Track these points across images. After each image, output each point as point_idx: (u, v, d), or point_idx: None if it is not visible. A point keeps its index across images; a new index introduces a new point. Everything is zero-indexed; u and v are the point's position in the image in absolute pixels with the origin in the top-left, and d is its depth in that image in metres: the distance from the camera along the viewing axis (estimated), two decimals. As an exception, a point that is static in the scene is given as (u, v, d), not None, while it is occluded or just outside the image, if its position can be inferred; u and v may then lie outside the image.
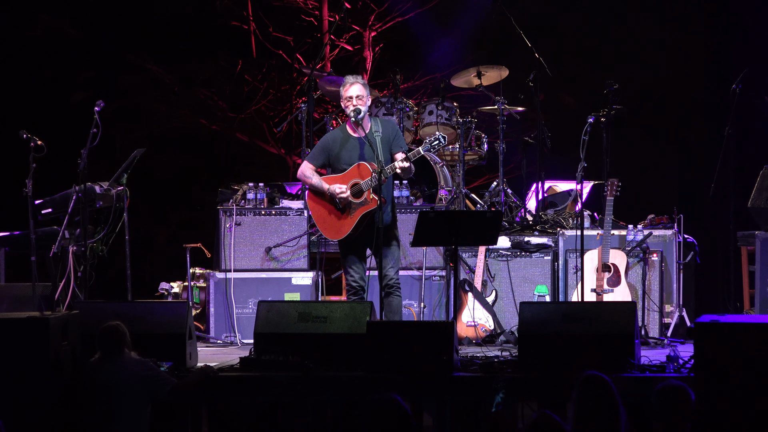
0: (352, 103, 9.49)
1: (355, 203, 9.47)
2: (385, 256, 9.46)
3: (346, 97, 9.52)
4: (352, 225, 9.46)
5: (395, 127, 9.68)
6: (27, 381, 7.96)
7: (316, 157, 9.68)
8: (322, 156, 9.65)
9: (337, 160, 9.57)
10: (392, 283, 9.48)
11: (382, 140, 9.47)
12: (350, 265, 9.55)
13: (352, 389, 8.26)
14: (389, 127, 9.59)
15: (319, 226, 9.66)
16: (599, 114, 10.28)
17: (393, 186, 9.72)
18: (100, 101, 9.98)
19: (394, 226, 9.56)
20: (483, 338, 10.52)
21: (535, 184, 11.94)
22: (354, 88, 9.50)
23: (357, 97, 9.48)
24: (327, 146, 9.63)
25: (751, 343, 7.65)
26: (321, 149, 9.66)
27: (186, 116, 16.59)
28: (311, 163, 9.67)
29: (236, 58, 16.66)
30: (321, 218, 9.61)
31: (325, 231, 9.63)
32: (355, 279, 9.54)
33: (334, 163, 9.61)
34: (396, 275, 9.51)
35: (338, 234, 9.54)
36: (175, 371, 8.29)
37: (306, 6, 16.74)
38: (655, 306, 10.54)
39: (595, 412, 6.27)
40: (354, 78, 9.56)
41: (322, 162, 9.66)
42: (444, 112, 11.82)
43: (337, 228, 9.53)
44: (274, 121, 16.33)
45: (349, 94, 9.50)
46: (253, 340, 8.73)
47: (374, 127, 9.54)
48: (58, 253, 10.22)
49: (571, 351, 8.29)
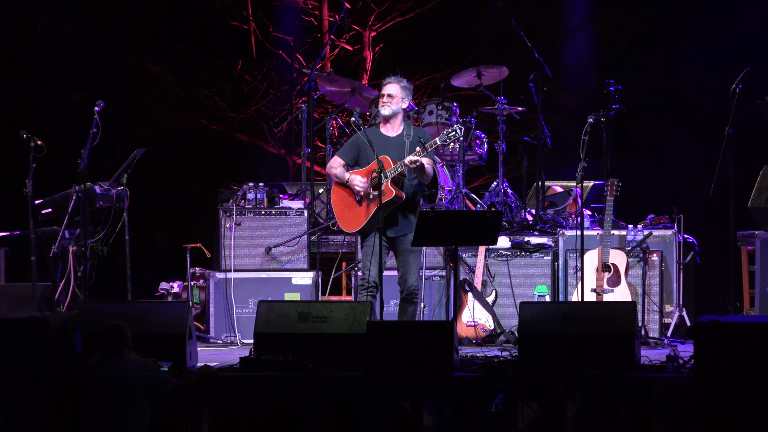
0: (382, 101, 9.62)
1: (374, 195, 9.49)
2: (407, 262, 9.55)
3: (380, 94, 9.67)
4: (367, 217, 9.49)
5: (426, 134, 9.73)
6: (27, 381, 7.96)
7: (346, 152, 9.77)
8: (352, 152, 9.72)
9: (367, 158, 9.62)
10: (412, 290, 9.57)
11: (411, 143, 9.56)
12: (368, 260, 9.53)
13: (352, 389, 8.26)
14: (420, 132, 9.70)
15: (338, 217, 9.72)
16: (599, 114, 10.28)
17: (419, 193, 9.75)
18: (100, 101, 9.99)
19: (411, 230, 9.53)
20: (483, 338, 10.52)
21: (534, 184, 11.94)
22: (387, 87, 9.68)
23: (388, 96, 9.61)
24: (358, 143, 9.70)
25: (751, 343, 7.65)
26: (352, 145, 9.76)
27: (186, 116, 16.60)
28: (341, 158, 9.75)
29: (236, 58, 16.67)
30: (340, 210, 9.68)
31: (343, 223, 9.68)
32: (373, 275, 9.48)
33: (362, 161, 9.67)
34: (416, 282, 9.58)
35: (354, 226, 9.58)
36: (175, 371, 8.28)
37: (306, 6, 16.75)
38: (655, 306, 10.54)
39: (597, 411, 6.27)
40: (392, 78, 9.73)
41: (352, 157, 9.73)
42: (444, 112, 11.82)
43: (355, 220, 9.58)
44: (274, 121, 16.34)
45: (383, 92, 9.66)
46: (253, 340, 8.73)
47: (405, 131, 9.65)
48: (58, 253, 10.22)
49: (571, 351, 8.28)
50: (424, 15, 16.53)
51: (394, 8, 16.56)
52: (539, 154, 11.66)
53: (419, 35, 16.55)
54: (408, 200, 9.56)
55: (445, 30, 16.52)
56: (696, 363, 7.83)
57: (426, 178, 9.60)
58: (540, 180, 11.63)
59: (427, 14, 16.52)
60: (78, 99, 15.36)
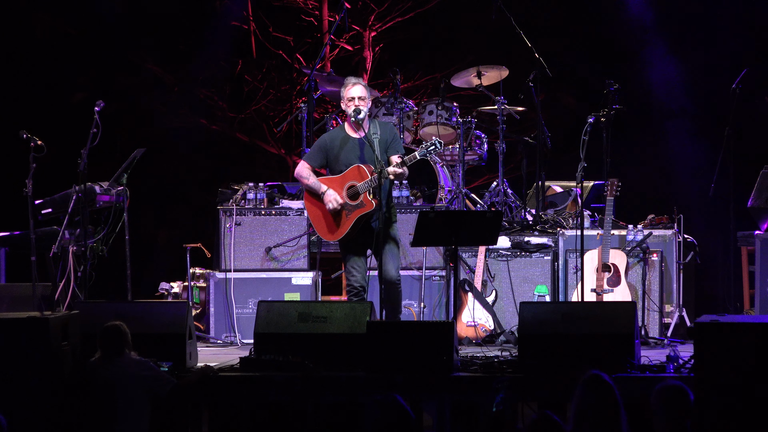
0: (354, 104, 9.50)
1: (352, 205, 9.47)
2: (385, 255, 9.46)
3: (348, 97, 9.52)
4: (348, 227, 9.45)
5: (393, 129, 9.68)
6: (27, 381, 7.95)
7: (314, 157, 9.67)
8: (320, 156, 9.65)
9: (336, 160, 9.56)
10: (393, 279, 9.47)
11: (379, 142, 9.47)
12: (351, 266, 9.55)
13: (352, 389, 8.26)
14: (387, 130, 9.59)
15: (316, 226, 9.65)
16: (599, 114, 10.27)
17: (392, 187, 9.72)
18: (100, 101, 9.98)
19: (391, 226, 9.55)
20: (483, 338, 10.52)
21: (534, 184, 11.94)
22: (356, 89, 9.51)
23: (359, 98, 9.49)
24: (325, 146, 9.63)
25: (751, 343, 7.65)
26: (319, 149, 9.66)
27: (186, 116, 16.59)
28: (309, 163, 9.66)
29: (236, 58, 16.66)
30: (317, 219, 9.60)
31: (321, 232, 9.63)
32: (357, 279, 9.53)
33: (332, 163, 9.60)
34: (397, 273, 9.50)
35: (334, 235, 9.55)
36: (175, 371, 8.29)
37: (306, 6, 16.75)
38: (655, 306, 10.54)
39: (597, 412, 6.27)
40: (356, 79, 9.59)
41: (320, 162, 9.65)
42: (444, 112, 11.82)
43: (333, 229, 9.53)
44: (274, 121, 16.33)
45: (351, 94, 9.51)
46: (253, 340, 8.73)
47: (372, 129, 9.54)
48: (58, 253, 10.22)
49: (571, 351, 8.28)
50: (424, 15, 16.52)
51: (394, 8, 16.56)
52: (539, 154, 11.66)
53: (419, 35, 16.54)
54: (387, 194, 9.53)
55: (445, 30, 16.51)
56: (696, 363, 7.83)
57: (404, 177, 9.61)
58: (540, 180, 11.63)
59: (427, 14, 16.52)
60: (78, 99, 15.36)
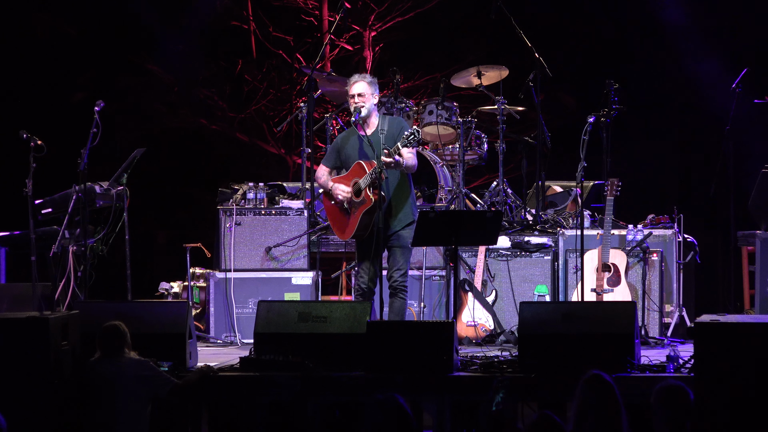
0: (353, 101, 9.52)
1: (356, 202, 9.49)
2: (392, 257, 9.48)
3: (349, 95, 9.56)
4: (356, 224, 9.47)
5: (401, 123, 9.66)
6: (27, 381, 7.95)
7: (328, 158, 9.79)
8: (333, 156, 9.74)
9: (345, 159, 9.63)
10: (396, 285, 9.48)
11: (386, 138, 9.47)
12: (360, 266, 9.55)
13: (352, 389, 8.26)
14: (395, 124, 9.59)
15: (332, 227, 9.79)
16: (599, 114, 10.27)
17: (410, 186, 9.63)
18: (100, 101, 9.98)
19: (400, 227, 9.51)
20: (483, 338, 10.52)
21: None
22: (355, 87, 9.54)
23: (358, 95, 9.51)
24: (337, 146, 9.73)
25: (751, 343, 7.65)
26: (332, 149, 9.78)
27: (186, 116, 16.59)
28: (325, 165, 9.76)
29: (236, 58, 16.66)
30: (332, 218, 9.71)
31: (336, 231, 9.72)
32: (364, 281, 9.52)
33: (343, 162, 9.67)
34: (401, 278, 9.49)
35: (345, 234, 9.60)
36: (175, 371, 8.29)
37: (306, 6, 16.75)
38: (655, 306, 10.54)
39: (597, 412, 6.27)
40: (358, 76, 9.61)
41: (334, 162, 9.72)
42: (444, 112, 11.81)
43: (344, 228, 9.58)
44: (274, 121, 16.34)
45: (351, 92, 9.56)
46: (253, 340, 8.73)
47: (381, 126, 9.56)
48: (58, 253, 10.22)
49: (571, 351, 8.28)
50: (424, 15, 16.53)
51: (394, 8, 16.56)
52: (539, 154, 11.66)
53: (419, 35, 16.55)
54: (398, 192, 9.50)
55: (445, 30, 16.51)
56: (696, 363, 7.83)
57: (409, 169, 9.53)
58: (540, 180, 11.63)
59: (427, 14, 16.52)
60: (78, 99, 15.36)
